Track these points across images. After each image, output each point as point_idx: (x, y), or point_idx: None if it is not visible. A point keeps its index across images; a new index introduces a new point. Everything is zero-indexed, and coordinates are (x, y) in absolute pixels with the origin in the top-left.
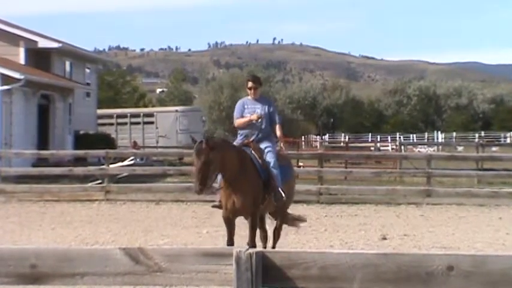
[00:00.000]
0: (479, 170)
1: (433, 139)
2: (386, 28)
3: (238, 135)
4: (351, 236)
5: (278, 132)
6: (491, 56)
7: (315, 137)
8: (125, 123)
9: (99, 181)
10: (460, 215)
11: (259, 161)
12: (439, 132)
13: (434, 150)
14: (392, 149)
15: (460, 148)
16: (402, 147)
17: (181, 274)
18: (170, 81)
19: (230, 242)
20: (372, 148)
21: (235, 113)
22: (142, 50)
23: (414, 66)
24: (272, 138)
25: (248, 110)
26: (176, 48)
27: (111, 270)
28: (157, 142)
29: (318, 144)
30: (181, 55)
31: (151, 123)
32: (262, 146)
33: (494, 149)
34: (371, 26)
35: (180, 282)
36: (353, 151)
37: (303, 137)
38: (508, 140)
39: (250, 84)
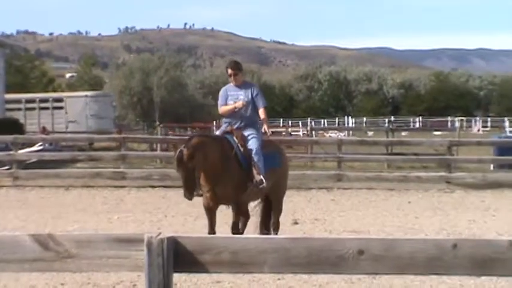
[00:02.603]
0: (389, 154)
1: (344, 124)
2: (297, 13)
3: (223, 123)
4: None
5: (262, 115)
6: (400, 41)
7: None
8: (34, 108)
9: (7, 167)
10: (370, 199)
11: (241, 148)
12: (350, 117)
13: (344, 135)
14: (303, 134)
15: (370, 133)
16: (313, 132)
17: (92, 260)
18: (80, 66)
19: (212, 231)
20: (283, 133)
21: (219, 101)
22: (51, 34)
23: (325, 51)
24: (257, 125)
25: (231, 97)
26: (86, 33)
27: (20, 257)
28: (66, 127)
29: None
30: (91, 39)
31: (61, 108)
32: (246, 133)
33: (403, 133)
34: (282, 12)
35: (90, 268)
36: (264, 136)
37: (214, 122)
38: (417, 125)
39: (229, 71)
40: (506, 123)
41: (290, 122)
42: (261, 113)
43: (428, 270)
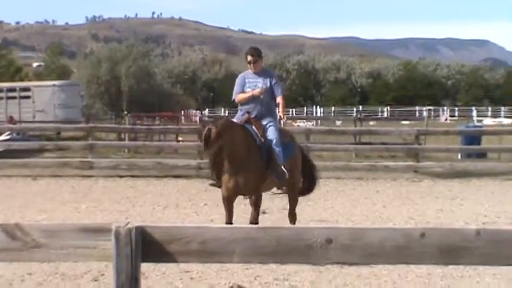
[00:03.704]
0: (357, 144)
1: (312, 113)
2: (265, 2)
3: (239, 111)
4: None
5: (279, 101)
6: (368, 31)
7: (194, 111)
8: (1, 98)
9: None
10: (339, 189)
11: (262, 139)
12: (318, 106)
13: (313, 125)
14: None
15: (338, 122)
16: (281, 121)
17: (60, 250)
18: (47, 55)
19: (229, 221)
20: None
21: (236, 88)
22: (17, 23)
23: (293, 40)
24: (274, 114)
25: (249, 84)
26: (53, 22)
27: None
28: (34, 117)
29: (197, 118)
30: (59, 28)
31: (28, 97)
32: (264, 122)
33: (371, 123)
34: (250, 1)
35: (58, 258)
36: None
37: (182, 111)
38: (385, 114)
39: (249, 58)
40: (474, 113)
41: None
42: (279, 99)
43: (397, 259)
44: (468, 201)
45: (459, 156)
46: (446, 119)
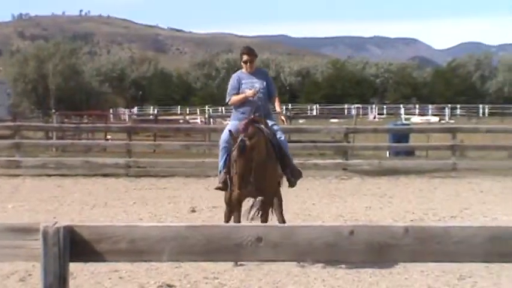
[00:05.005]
0: (287, 142)
1: None
2: (194, 0)
3: (237, 112)
4: (160, 209)
5: (277, 107)
6: (297, 29)
7: (123, 109)
8: None
9: None
10: None
11: (273, 140)
12: None
13: None
14: (201, 121)
15: None
16: (211, 119)
17: None
18: None
19: (239, 220)
20: (181, 121)
21: (230, 89)
22: None
23: (222, 39)
24: (272, 115)
25: (245, 85)
26: None
27: None
28: None
29: (126, 117)
30: None
31: None
32: (269, 122)
33: (301, 121)
34: None
35: None
36: (162, 124)
37: (111, 109)
38: (314, 112)
39: (245, 57)
40: (402, 111)
41: (188, 109)
42: (276, 102)
43: (326, 256)
44: (396, 198)
45: (387, 154)
46: (374, 117)
